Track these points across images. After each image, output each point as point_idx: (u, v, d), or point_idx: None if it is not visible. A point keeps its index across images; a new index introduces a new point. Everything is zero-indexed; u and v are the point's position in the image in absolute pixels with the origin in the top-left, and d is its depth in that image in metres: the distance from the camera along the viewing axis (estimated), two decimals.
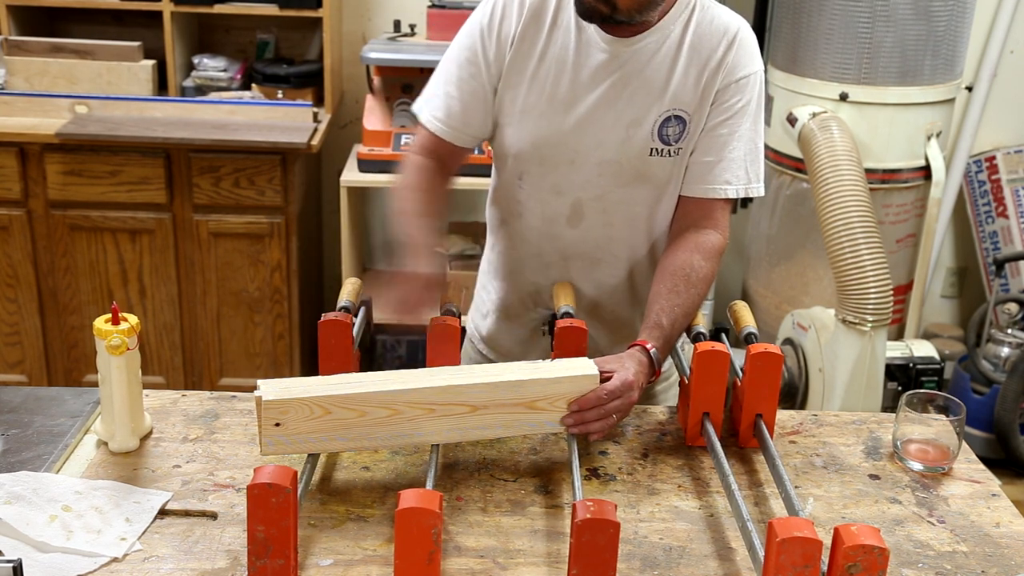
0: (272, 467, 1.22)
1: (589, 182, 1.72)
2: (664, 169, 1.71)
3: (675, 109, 1.67)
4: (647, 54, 1.65)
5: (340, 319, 1.62)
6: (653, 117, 1.67)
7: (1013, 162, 3.71)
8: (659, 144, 1.68)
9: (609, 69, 1.66)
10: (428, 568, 1.18)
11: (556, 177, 1.73)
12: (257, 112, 3.32)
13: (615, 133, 1.68)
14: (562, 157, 1.71)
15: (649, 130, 1.68)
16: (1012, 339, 3.39)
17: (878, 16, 2.97)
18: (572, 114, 1.68)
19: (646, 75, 1.66)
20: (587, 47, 1.66)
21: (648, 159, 1.69)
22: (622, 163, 1.70)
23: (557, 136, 1.70)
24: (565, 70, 1.67)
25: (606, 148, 1.69)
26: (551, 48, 1.67)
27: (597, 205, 1.74)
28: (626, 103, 1.67)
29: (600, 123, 1.68)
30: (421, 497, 1.17)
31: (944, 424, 1.57)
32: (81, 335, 3.33)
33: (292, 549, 1.23)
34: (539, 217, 1.78)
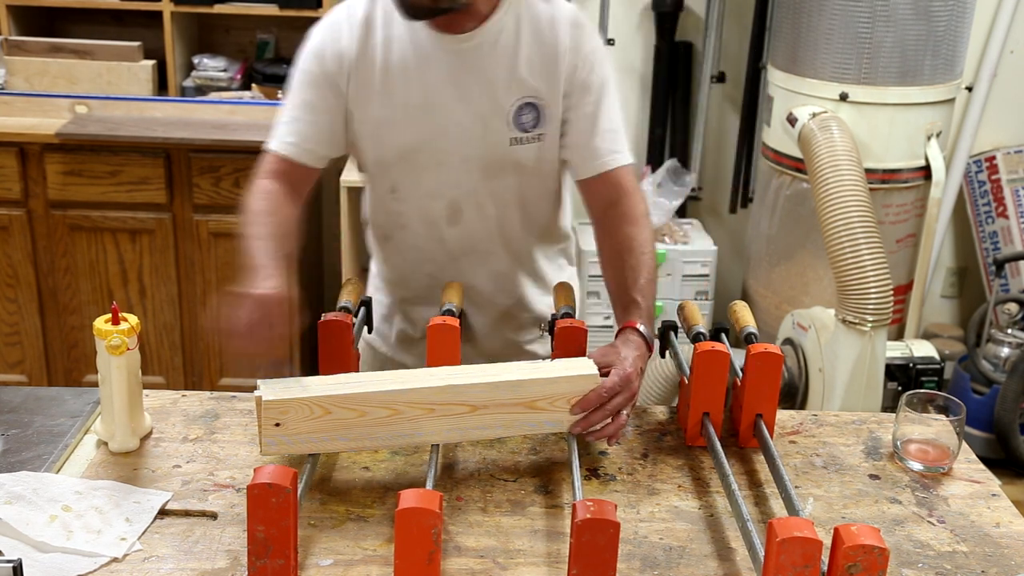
0: (272, 467, 1.22)
1: (460, 180, 1.75)
2: (529, 155, 1.74)
3: (526, 96, 1.70)
4: (486, 47, 1.68)
5: (340, 319, 1.62)
6: (506, 107, 1.70)
7: (1013, 162, 3.71)
8: (518, 132, 1.72)
9: (452, 68, 1.68)
10: (428, 568, 1.18)
11: (428, 182, 1.76)
12: (257, 112, 3.32)
13: (474, 129, 1.71)
14: (430, 161, 1.74)
15: (505, 120, 1.70)
16: (1012, 339, 3.39)
17: (878, 16, 2.97)
18: (429, 118, 1.70)
19: (490, 67, 1.68)
20: (425, 50, 1.68)
21: (510, 149, 1.72)
22: (486, 157, 1.73)
23: (420, 142, 1.72)
24: (411, 77, 1.68)
25: (469, 144, 1.72)
26: (391, 59, 1.68)
27: (471, 200, 1.77)
28: (477, 98, 1.69)
29: (457, 122, 1.70)
30: (421, 497, 1.17)
31: (944, 424, 1.57)
32: (81, 335, 3.33)
33: (292, 549, 1.23)
34: (420, 223, 1.81)
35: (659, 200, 3.52)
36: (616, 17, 3.61)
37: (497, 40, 1.68)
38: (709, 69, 3.62)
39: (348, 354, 1.63)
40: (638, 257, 1.68)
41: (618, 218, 1.72)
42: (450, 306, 1.69)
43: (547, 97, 1.71)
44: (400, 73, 1.68)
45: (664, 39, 3.64)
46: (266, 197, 1.67)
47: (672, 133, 3.73)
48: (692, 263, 3.52)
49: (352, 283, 1.77)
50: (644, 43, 3.70)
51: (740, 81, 3.69)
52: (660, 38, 3.64)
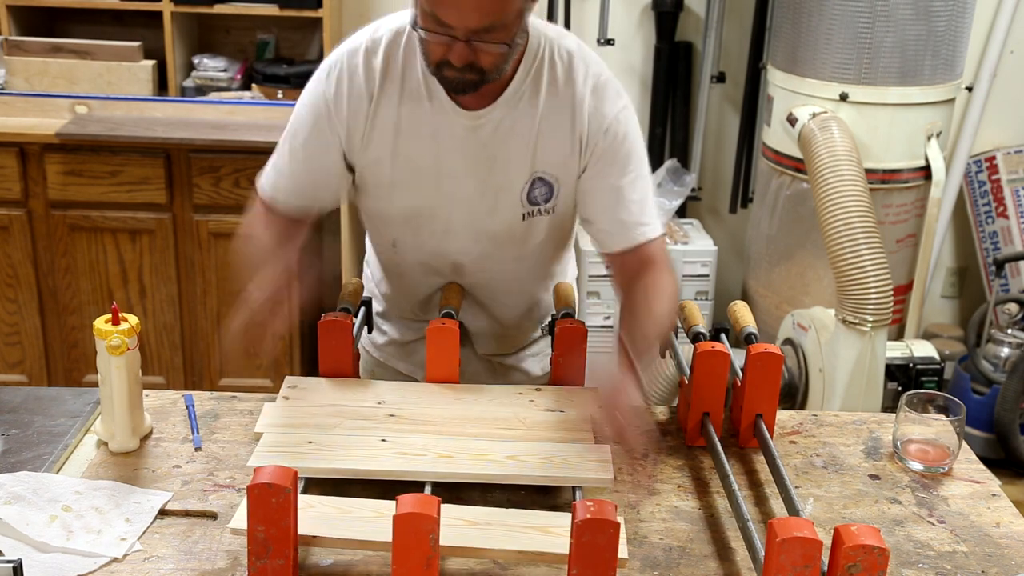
0: (272, 467, 1.22)
1: (466, 248, 1.71)
2: (540, 226, 1.69)
3: (540, 172, 1.63)
4: (507, 122, 1.60)
5: (340, 319, 1.62)
6: (519, 184, 1.63)
7: (1013, 162, 3.71)
8: (529, 207, 1.66)
9: (468, 140, 1.60)
10: (426, 573, 1.18)
11: (432, 244, 1.71)
12: (257, 112, 3.32)
13: (484, 202, 1.65)
14: (436, 227, 1.69)
15: (517, 197, 1.65)
16: (1012, 339, 3.39)
17: (878, 16, 2.97)
18: (439, 186, 1.64)
19: (504, 145, 1.61)
20: (443, 117, 1.59)
21: (522, 224, 1.68)
22: (495, 229, 1.68)
23: (428, 209, 1.67)
24: (425, 142, 1.61)
25: (477, 217, 1.67)
26: (404, 119, 1.60)
27: (477, 265, 1.73)
28: (489, 172, 1.62)
29: (468, 193, 1.64)
30: (418, 502, 1.17)
31: (944, 424, 1.57)
32: (81, 335, 3.33)
33: (292, 549, 1.23)
34: (420, 273, 1.77)
35: (659, 200, 3.51)
36: (616, 17, 3.61)
37: (512, 115, 1.60)
38: (709, 69, 3.62)
39: (348, 355, 1.63)
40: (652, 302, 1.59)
41: (642, 290, 1.62)
42: (449, 309, 1.69)
43: (561, 174, 1.64)
44: (414, 135, 1.60)
45: (664, 39, 3.63)
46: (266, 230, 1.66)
47: (672, 133, 3.74)
48: (692, 263, 3.52)
49: (353, 284, 1.78)
50: (644, 43, 3.70)
51: (740, 81, 3.68)
52: (660, 38, 3.64)
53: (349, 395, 1.59)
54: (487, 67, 1.48)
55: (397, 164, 1.63)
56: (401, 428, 1.50)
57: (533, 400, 1.60)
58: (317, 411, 1.53)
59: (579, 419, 1.54)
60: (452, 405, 1.57)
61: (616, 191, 1.62)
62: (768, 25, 3.52)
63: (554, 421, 1.54)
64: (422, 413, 1.54)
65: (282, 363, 3.37)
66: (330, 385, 1.62)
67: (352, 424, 1.51)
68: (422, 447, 1.46)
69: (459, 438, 1.48)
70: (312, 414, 1.53)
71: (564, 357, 1.67)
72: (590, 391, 1.62)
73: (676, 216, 3.67)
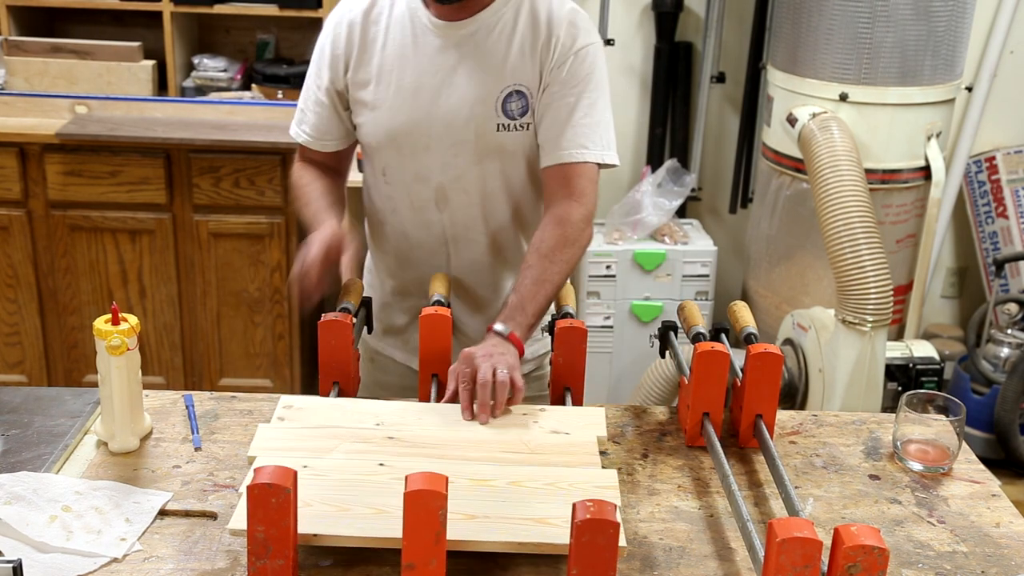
0: (272, 467, 1.22)
1: (447, 164, 1.78)
2: (514, 142, 1.76)
3: (515, 84, 1.73)
4: (481, 35, 1.72)
5: (340, 319, 1.62)
6: (495, 94, 1.73)
7: (1013, 162, 3.71)
8: (504, 119, 1.74)
9: (446, 53, 1.73)
10: (435, 548, 1.19)
11: (416, 165, 1.80)
12: (257, 112, 3.32)
13: (462, 113, 1.74)
14: (418, 144, 1.77)
15: (493, 106, 1.73)
16: (1012, 339, 3.39)
17: (878, 16, 2.97)
18: (419, 101, 1.75)
19: (482, 55, 1.72)
20: (423, 35, 1.73)
21: (497, 134, 1.75)
22: (473, 141, 1.75)
23: (409, 124, 1.76)
24: (407, 61, 1.74)
25: (456, 129, 1.75)
26: (390, 43, 1.75)
27: (458, 185, 1.80)
28: (467, 83, 1.73)
29: (446, 105, 1.74)
30: (428, 480, 1.17)
31: (944, 424, 1.57)
32: (81, 335, 3.33)
33: (292, 549, 1.23)
34: (409, 208, 1.84)
35: (659, 200, 3.52)
36: (616, 17, 3.61)
37: (492, 29, 1.72)
38: (709, 69, 3.62)
39: (348, 354, 1.63)
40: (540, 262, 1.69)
41: (550, 217, 1.73)
42: (439, 296, 1.70)
43: (533, 88, 1.73)
44: (396, 57, 1.74)
45: (664, 39, 3.63)
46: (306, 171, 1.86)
47: (672, 133, 3.73)
48: (692, 263, 3.52)
49: (353, 284, 1.78)
50: (644, 43, 3.70)
51: (740, 81, 3.68)
52: (660, 38, 3.64)
53: (347, 416, 1.55)
54: None
55: (380, 86, 1.76)
56: (400, 452, 1.47)
57: (537, 421, 1.57)
58: (313, 433, 1.50)
59: (584, 442, 1.52)
60: (453, 427, 1.54)
61: (568, 108, 1.72)
62: (768, 25, 3.52)
63: (559, 444, 1.51)
64: (422, 436, 1.51)
65: (282, 363, 3.37)
66: (327, 405, 1.59)
67: (349, 447, 1.47)
68: None
69: (460, 462, 1.45)
70: (308, 436, 1.49)
71: (564, 357, 1.67)
72: (595, 411, 1.60)
73: (676, 216, 3.67)
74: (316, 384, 1.68)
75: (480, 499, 1.35)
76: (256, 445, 1.46)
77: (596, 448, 1.50)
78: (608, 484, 1.39)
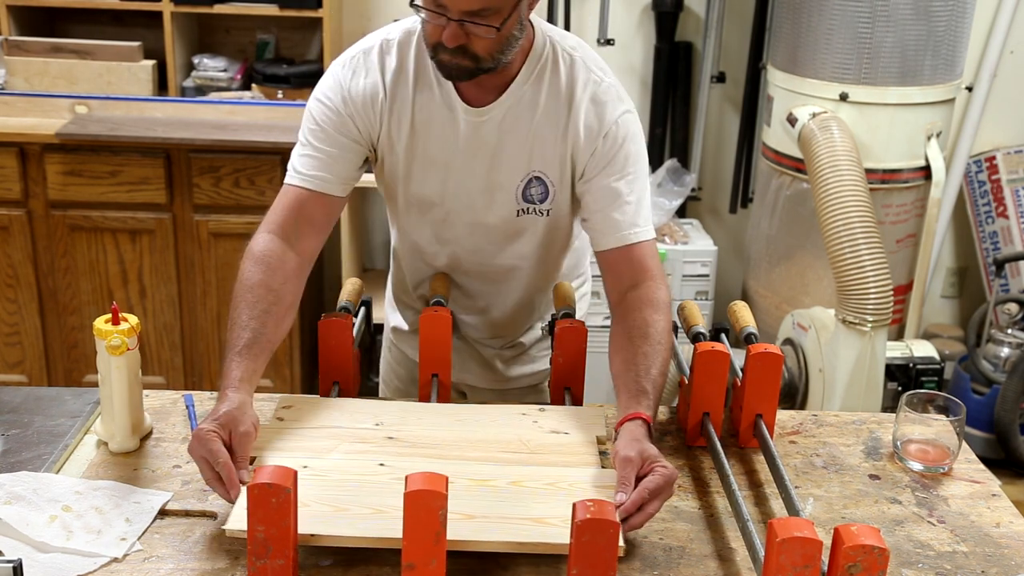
0: (272, 467, 1.22)
1: (464, 238, 1.74)
2: (537, 226, 1.72)
3: (536, 171, 1.66)
4: (502, 122, 1.64)
5: (340, 319, 1.62)
6: (516, 181, 1.67)
7: (1013, 162, 3.71)
8: (524, 204, 1.69)
9: (472, 136, 1.65)
10: (435, 548, 1.19)
11: (431, 232, 1.75)
12: (257, 112, 3.32)
13: (482, 197, 1.69)
14: (436, 215, 1.73)
15: (513, 194, 1.68)
16: (1012, 339, 3.39)
17: (878, 16, 2.97)
18: (441, 178, 1.68)
19: (506, 141, 1.64)
20: (450, 113, 1.64)
21: (516, 220, 1.70)
22: (491, 224, 1.71)
23: (430, 197, 1.71)
24: (432, 134, 1.66)
25: (475, 211, 1.70)
26: (418, 111, 1.65)
27: (474, 259, 1.76)
28: (488, 168, 1.66)
29: (466, 187, 1.68)
30: (428, 480, 1.17)
31: (944, 424, 1.57)
32: (81, 335, 3.33)
33: (292, 549, 1.23)
34: (420, 260, 1.81)
35: (659, 200, 3.51)
36: (616, 17, 3.61)
37: (514, 113, 1.63)
38: (709, 69, 3.62)
39: (348, 355, 1.63)
40: (654, 346, 1.54)
41: (637, 301, 1.60)
42: (439, 298, 1.70)
43: (555, 176, 1.67)
44: (423, 126, 1.65)
45: (664, 39, 3.63)
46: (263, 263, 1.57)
47: (672, 133, 3.73)
48: (692, 263, 3.52)
49: (352, 283, 1.77)
50: (644, 43, 3.70)
51: (740, 81, 3.68)
52: (660, 38, 3.64)
53: (346, 416, 1.55)
54: (480, 53, 1.52)
55: (411, 157, 1.67)
56: (400, 452, 1.47)
57: (537, 421, 1.57)
58: (313, 433, 1.50)
59: (584, 442, 1.52)
60: (453, 427, 1.55)
61: (612, 191, 1.64)
62: (768, 25, 3.52)
63: (558, 444, 1.51)
64: (422, 435, 1.51)
65: (282, 363, 3.37)
66: (326, 405, 1.59)
67: (349, 447, 1.47)
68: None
69: (460, 462, 1.45)
70: (307, 436, 1.49)
71: (564, 357, 1.67)
72: (595, 411, 1.61)
73: (676, 216, 3.67)
74: (316, 384, 1.68)
75: (480, 499, 1.35)
76: (256, 445, 1.46)
77: (596, 448, 1.50)
78: (608, 484, 1.39)
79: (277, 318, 1.54)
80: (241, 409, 1.40)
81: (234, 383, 1.44)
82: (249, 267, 1.56)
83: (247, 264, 1.57)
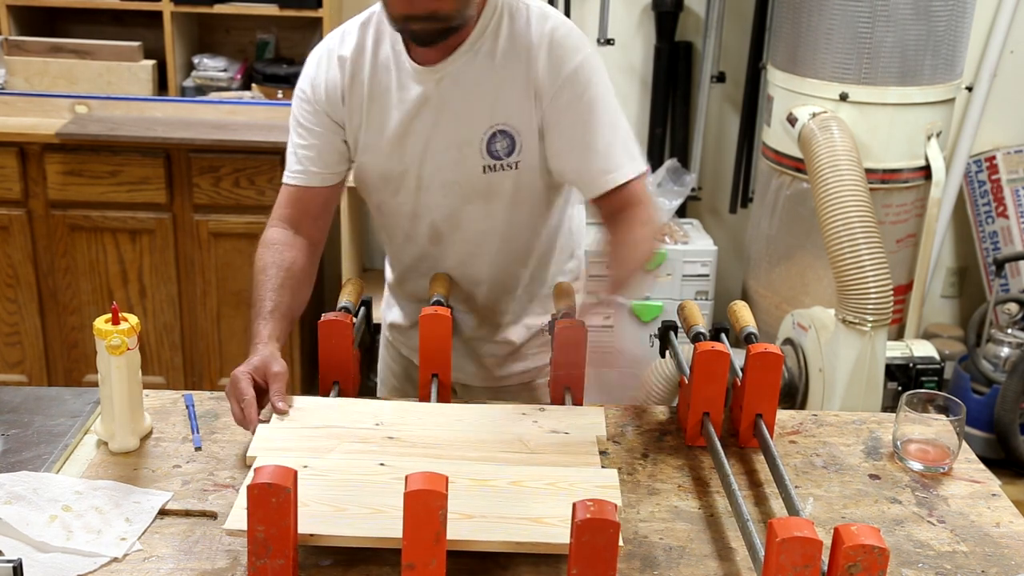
0: (272, 467, 1.22)
1: (438, 204, 1.75)
2: (507, 183, 1.72)
3: (499, 125, 1.67)
4: (461, 75, 1.66)
5: (340, 319, 1.62)
6: (478, 135, 1.68)
7: (1013, 162, 3.71)
8: (490, 160, 1.69)
9: (427, 97, 1.67)
10: (435, 548, 1.19)
11: (408, 205, 1.78)
12: (257, 112, 3.32)
13: (448, 155, 1.70)
14: (409, 186, 1.75)
15: (478, 148, 1.68)
16: (1012, 339, 3.39)
17: (878, 16, 2.97)
18: (407, 145, 1.71)
19: (464, 95, 1.66)
20: (405, 79, 1.68)
21: (483, 176, 1.71)
22: (461, 182, 1.72)
23: (399, 167, 1.74)
24: (391, 105, 1.70)
25: (444, 170, 1.72)
26: (376, 87, 1.71)
27: (449, 223, 1.77)
28: (451, 125, 1.68)
29: (433, 148, 1.71)
30: (428, 480, 1.17)
31: (944, 424, 1.57)
32: (81, 335, 3.33)
33: (292, 549, 1.23)
34: (405, 241, 1.84)
35: (659, 200, 3.52)
36: (616, 17, 3.61)
37: (471, 67, 1.66)
38: (709, 69, 3.62)
39: (348, 354, 1.63)
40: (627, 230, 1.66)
41: (618, 224, 1.69)
42: (439, 297, 1.70)
43: (521, 126, 1.67)
44: (382, 101, 1.71)
45: (664, 39, 3.63)
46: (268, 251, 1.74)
47: (672, 133, 3.73)
48: (692, 263, 3.52)
49: (352, 283, 1.77)
50: (644, 43, 3.70)
51: (740, 81, 3.69)
52: (660, 38, 3.64)
53: (346, 416, 1.55)
54: (449, 11, 1.55)
55: (369, 132, 1.73)
56: (400, 451, 1.47)
57: (536, 421, 1.57)
58: (313, 433, 1.50)
59: (584, 442, 1.52)
60: (453, 426, 1.55)
61: (581, 142, 1.66)
62: (768, 25, 3.52)
63: (558, 443, 1.51)
64: (422, 435, 1.51)
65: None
66: (327, 405, 1.59)
67: (349, 447, 1.47)
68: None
69: (460, 462, 1.44)
70: (307, 436, 1.49)
71: (564, 357, 1.67)
72: (595, 411, 1.61)
73: (676, 216, 3.67)
74: (316, 384, 1.68)
75: (480, 499, 1.35)
76: (256, 445, 1.46)
77: (596, 448, 1.50)
78: (609, 484, 1.39)
79: (292, 289, 1.70)
80: (272, 356, 1.58)
81: (263, 339, 1.61)
82: (260, 253, 1.74)
83: (259, 252, 1.74)
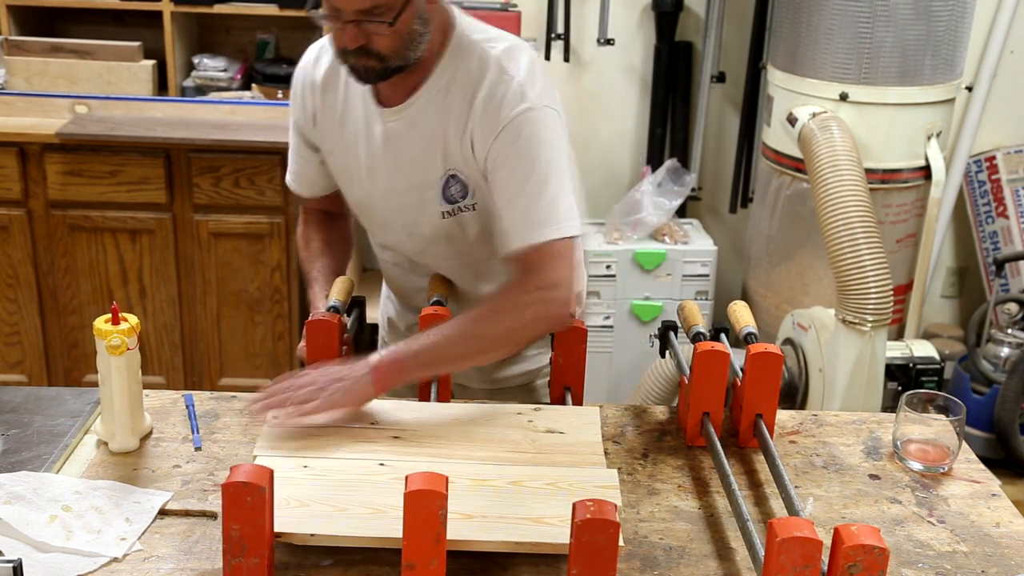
0: (248, 466, 1.22)
1: (404, 243, 1.76)
2: (469, 224, 1.69)
3: (452, 170, 1.65)
4: (419, 118, 1.64)
5: (326, 319, 1.62)
6: (435, 179, 1.66)
7: (1013, 162, 3.71)
8: (447, 206, 1.67)
9: (390, 137, 1.66)
10: (436, 548, 1.19)
11: (378, 235, 1.81)
12: (257, 112, 3.32)
13: (409, 198, 1.69)
14: (377, 220, 1.78)
15: (436, 193, 1.67)
16: (1012, 339, 3.39)
17: (878, 16, 2.97)
18: (374, 182, 1.71)
19: (421, 139, 1.65)
20: (371, 116, 1.68)
21: (442, 222, 1.69)
22: (423, 225, 1.71)
23: (368, 201, 1.75)
24: (360, 137, 1.69)
25: (407, 212, 1.71)
26: (348, 115, 1.70)
27: (423, 259, 1.78)
28: (410, 167, 1.67)
29: (396, 190, 1.70)
30: (428, 480, 1.17)
31: (944, 424, 1.57)
32: (81, 335, 3.33)
33: (268, 548, 1.23)
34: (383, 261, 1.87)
35: (659, 200, 3.52)
36: (616, 17, 3.61)
37: (427, 111, 1.63)
38: (709, 69, 3.62)
39: (335, 354, 1.62)
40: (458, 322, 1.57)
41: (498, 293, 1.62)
42: (438, 297, 1.70)
43: (468, 172, 1.64)
44: (352, 131, 1.70)
45: (664, 39, 3.63)
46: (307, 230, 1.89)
47: (672, 133, 3.73)
48: (692, 263, 3.52)
49: (342, 282, 1.77)
50: (644, 43, 3.70)
51: (740, 81, 3.68)
52: (660, 38, 3.64)
53: (346, 416, 1.55)
54: (383, 51, 1.54)
55: (341, 156, 1.74)
56: (400, 451, 1.47)
57: (532, 420, 1.57)
58: (313, 433, 1.50)
59: (583, 441, 1.52)
60: (453, 427, 1.55)
61: (506, 194, 1.59)
62: (768, 25, 3.51)
63: (559, 444, 1.51)
64: (422, 435, 1.51)
65: (282, 363, 3.37)
66: None
67: (349, 447, 1.47)
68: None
69: (460, 462, 1.45)
70: (307, 437, 1.49)
71: (564, 357, 1.67)
72: (590, 410, 1.61)
73: (676, 216, 3.67)
74: None
75: (480, 499, 1.35)
76: (256, 445, 1.46)
77: (600, 448, 1.50)
78: (609, 484, 1.39)
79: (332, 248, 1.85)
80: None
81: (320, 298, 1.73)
82: (298, 240, 1.90)
83: (296, 242, 1.91)
